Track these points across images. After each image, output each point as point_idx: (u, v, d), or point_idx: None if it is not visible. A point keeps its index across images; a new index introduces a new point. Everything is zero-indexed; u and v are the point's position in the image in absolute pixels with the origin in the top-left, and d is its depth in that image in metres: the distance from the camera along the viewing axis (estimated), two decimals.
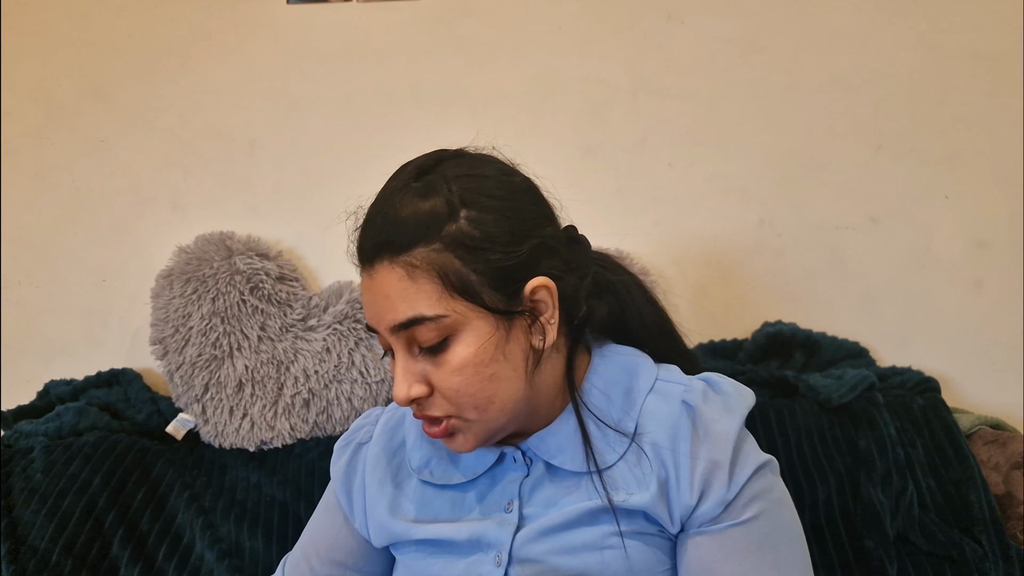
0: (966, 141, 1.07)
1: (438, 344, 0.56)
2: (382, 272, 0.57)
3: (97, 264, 1.11)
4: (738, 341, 1.06)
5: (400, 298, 0.56)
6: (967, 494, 0.86)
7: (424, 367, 0.57)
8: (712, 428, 0.59)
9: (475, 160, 0.61)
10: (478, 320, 0.56)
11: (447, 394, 0.57)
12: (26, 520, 0.85)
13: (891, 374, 0.99)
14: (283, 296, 1.01)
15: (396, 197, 0.59)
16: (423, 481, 0.67)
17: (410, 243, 0.56)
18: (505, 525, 0.61)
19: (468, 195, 0.57)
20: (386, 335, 0.58)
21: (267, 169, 1.11)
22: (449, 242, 0.56)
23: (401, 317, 0.56)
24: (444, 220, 0.56)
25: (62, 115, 1.11)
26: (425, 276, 0.55)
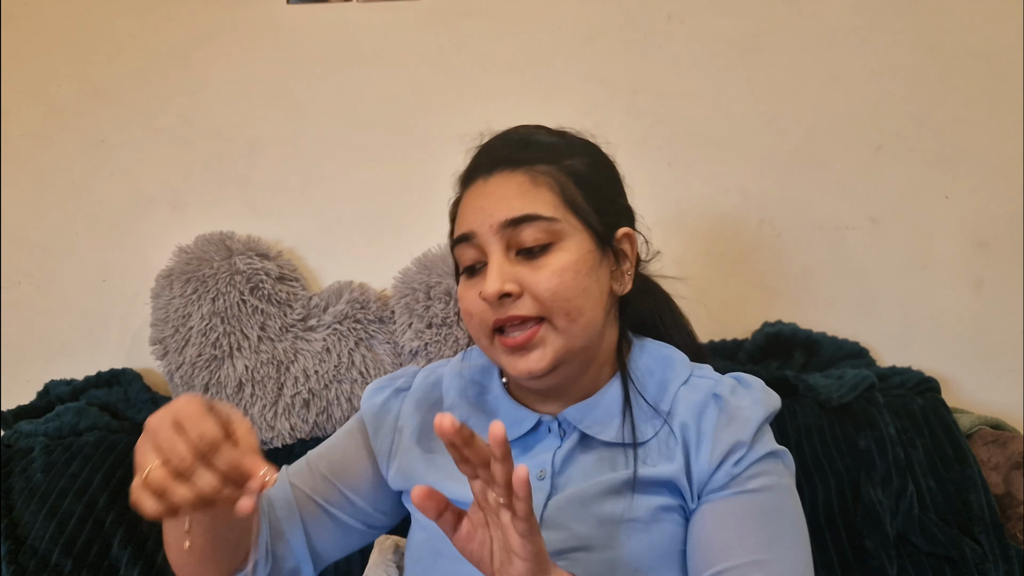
0: (966, 141, 1.07)
1: (540, 248, 0.61)
2: (500, 178, 0.64)
3: (97, 264, 1.11)
4: (738, 341, 1.06)
5: (518, 197, 0.62)
6: (967, 494, 0.85)
7: (518, 270, 0.61)
8: (737, 414, 0.62)
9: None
10: (581, 236, 0.63)
11: (542, 295, 0.60)
12: (26, 520, 0.85)
13: (891, 374, 0.99)
14: (283, 296, 1.01)
15: (525, 127, 0.70)
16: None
17: (534, 159, 0.64)
18: (537, 493, 0.62)
19: (584, 147, 0.69)
20: (488, 235, 0.62)
21: (267, 169, 1.11)
22: (567, 170, 0.64)
23: (516, 212, 0.61)
24: (564, 153, 0.66)
25: (62, 115, 1.11)
26: (545, 185, 0.63)
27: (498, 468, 0.46)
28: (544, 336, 0.60)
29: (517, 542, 0.47)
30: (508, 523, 0.47)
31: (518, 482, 0.45)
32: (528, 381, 0.63)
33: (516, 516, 0.46)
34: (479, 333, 0.64)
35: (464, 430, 0.46)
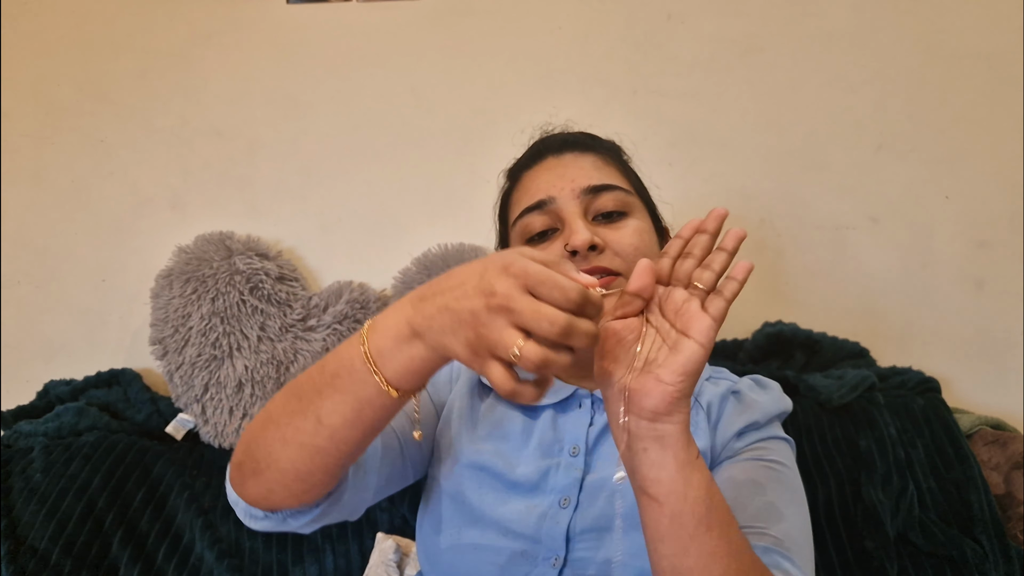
0: (966, 141, 1.07)
1: (616, 214, 0.67)
2: (573, 155, 0.70)
3: (97, 264, 1.11)
4: (738, 341, 1.06)
5: (595, 170, 0.68)
6: (967, 494, 0.85)
7: (599, 230, 0.65)
8: (754, 405, 0.67)
9: None
10: (645, 214, 0.69)
11: (624, 248, 0.65)
12: (26, 520, 0.84)
13: (891, 374, 0.98)
14: (283, 296, 1.01)
15: (575, 132, 0.76)
16: (497, 397, 0.70)
17: (600, 146, 0.72)
18: (571, 470, 0.64)
19: (621, 149, 0.77)
20: (568, 199, 0.66)
21: (267, 169, 1.11)
22: (624, 162, 0.73)
23: (596, 181, 0.67)
24: (616, 149, 0.75)
25: (62, 115, 1.11)
26: (615, 168, 0.70)
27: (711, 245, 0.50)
28: (619, 286, 0.63)
29: (705, 324, 0.46)
30: (696, 310, 0.47)
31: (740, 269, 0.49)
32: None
33: (724, 297, 0.48)
34: None
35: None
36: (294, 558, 0.88)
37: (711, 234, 0.50)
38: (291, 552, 0.89)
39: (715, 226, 0.51)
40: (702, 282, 0.49)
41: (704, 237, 0.50)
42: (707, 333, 0.46)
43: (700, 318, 0.46)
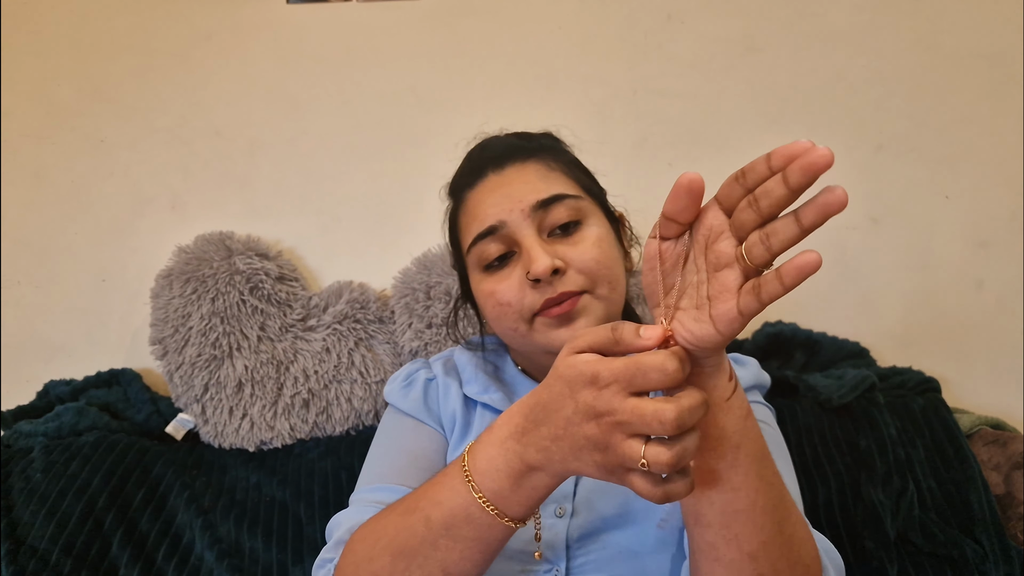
0: (966, 141, 1.07)
1: (572, 224, 0.64)
2: (516, 169, 0.66)
3: (97, 264, 1.11)
4: (738, 341, 1.06)
5: (541, 181, 0.65)
6: (967, 494, 0.85)
7: (556, 248, 0.63)
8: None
9: None
10: (598, 214, 0.67)
11: (586, 264, 0.62)
12: (26, 520, 0.84)
13: (891, 374, 0.98)
14: (283, 296, 1.01)
15: (511, 133, 0.73)
16: (484, 407, 0.70)
17: (540, 149, 0.68)
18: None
19: (558, 140, 0.74)
20: (519, 220, 0.63)
21: (267, 169, 1.11)
22: (566, 160, 0.69)
23: (544, 194, 0.63)
24: (554, 146, 0.71)
25: (62, 115, 1.11)
26: (559, 171, 0.67)
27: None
28: (586, 305, 0.62)
29: (728, 312, 0.40)
30: (729, 287, 0.40)
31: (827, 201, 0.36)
32: None
33: (758, 298, 0.39)
34: (516, 323, 0.63)
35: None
36: (294, 558, 0.88)
37: (792, 190, 0.37)
38: (291, 552, 0.89)
39: (804, 179, 0.36)
40: (751, 257, 0.39)
41: (782, 190, 0.37)
42: (728, 323, 0.40)
43: (727, 300, 0.40)
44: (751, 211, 0.39)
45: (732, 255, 0.40)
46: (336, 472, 0.95)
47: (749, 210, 0.39)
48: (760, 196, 0.38)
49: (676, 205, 0.41)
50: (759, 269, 0.39)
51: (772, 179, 0.37)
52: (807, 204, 0.37)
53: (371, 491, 0.64)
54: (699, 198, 0.41)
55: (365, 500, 0.64)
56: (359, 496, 0.65)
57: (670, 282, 0.44)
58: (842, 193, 0.36)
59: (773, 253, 0.38)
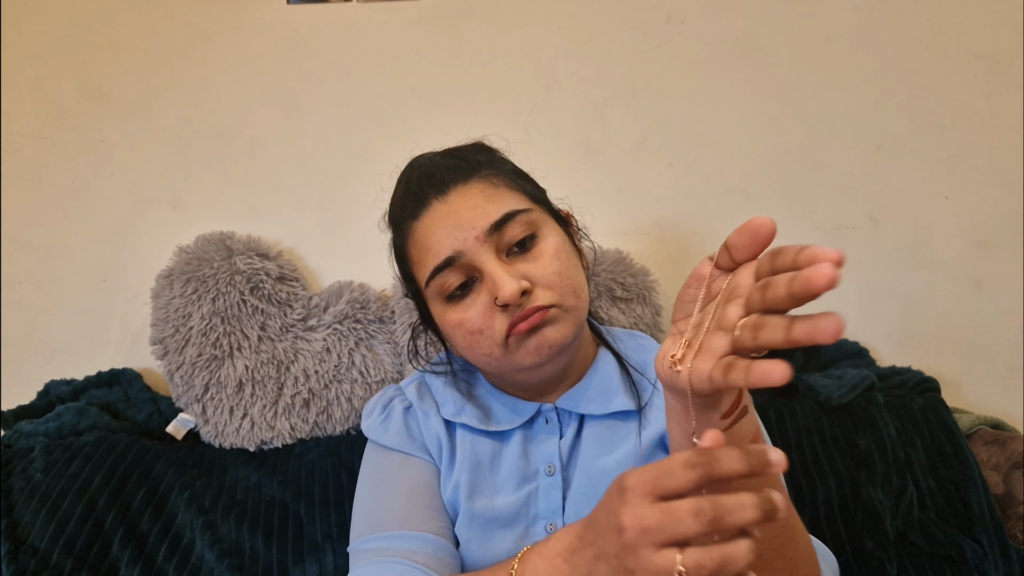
0: (966, 141, 1.07)
1: (528, 239, 0.63)
2: (459, 193, 0.63)
3: (97, 264, 1.11)
4: None
5: (489, 201, 0.63)
6: (967, 494, 0.85)
7: (519, 267, 0.62)
8: None
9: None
10: (550, 222, 0.65)
11: (550, 280, 0.61)
12: (26, 520, 0.84)
13: (891, 374, 0.99)
14: (283, 296, 1.01)
15: (442, 151, 0.70)
16: (462, 427, 0.69)
17: (479, 165, 0.65)
18: (552, 491, 0.63)
19: (492, 150, 0.71)
20: (476, 248, 0.61)
21: (267, 169, 1.11)
22: (505, 170, 0.67)
23: (496, 215, 0.61)
24: (490, 157, 0.68)
25: (62, 115, 1.11)
26: (503, 187, 0.65)
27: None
28: (555, 315, 0.61)
29: (702, 372, 0.41)
30: (712, 348, 0.40)
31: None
32: (543, 364, 0.62)
33: (790, 337, 0.37)
34: (491, 348, 0.62)
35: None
36: (294, 558, 0.88)
37: (791, 296, 0.37)
38: (291, 552, 0.89)
39: (802, 293, 0.37)
40: (738, 336, 0.39)
41: (782, 291, 0.37)
42: (697, 380, 0.41)
43: (706, 360, 0.41)
44: (759, 293, 0.39)
45: (732, 322, 0.40)
46: (336, 472, 0.95)
47: (759, 292, 0.39)
48: (769, 284, 0.38)
49: (738, 240, 0.42)
50: (742, 351, 0.39)
51: (784, 275, 0.37)
52: (802, 321, 0.37)
53: (378, 540, 0.62)
54: (763, 245, 0.41)
55: (374, 551, 0.61)
56: (365, 547, 0.62)
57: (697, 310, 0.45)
58: (836, 330, 0.36)
59: (757, 343, 0.38)
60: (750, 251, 0.41)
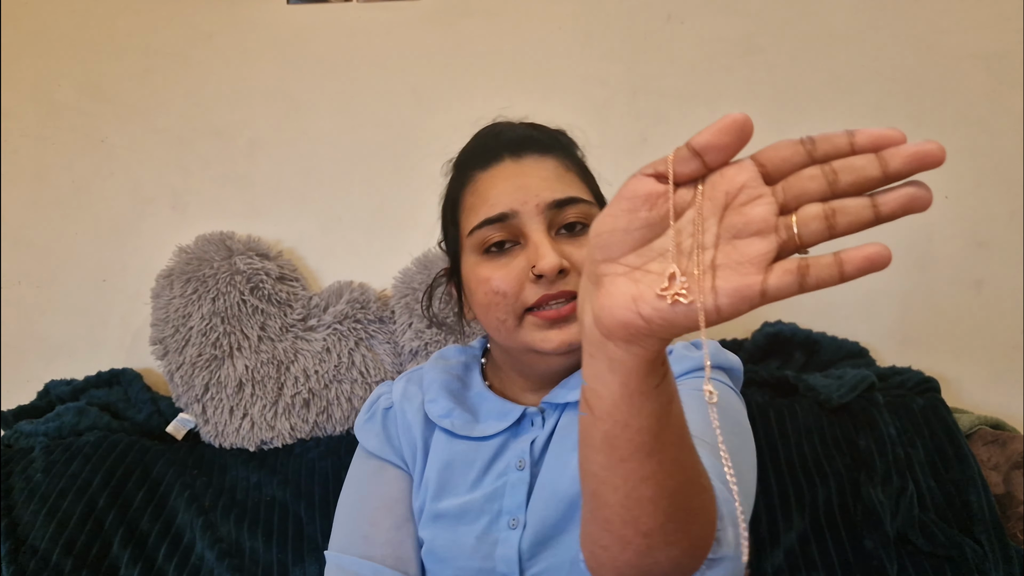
0: (966, 141, 1.07)
1: (578, 225, 0.63)
2: (534, 160, 0.65)
3: (97, 264, 1.11)
4: (738, 341, 1.06)
5: (557, 180, 0.64)
6: (967, 494, 0.85)
7: (563, 247, 0.62)
8: (685, 358, 0.67)
9: None
10: None
11: None
12: (26, 520, 0.84)
13: (891, 374, 0.98)
14: (283, 296, 1.01)
15: (527, 123, 0.71)
16: (443, 430, 0.68)
17: (559, 145, 0.67)
18: (519, 487, 0.63)
19: (572, 142, 0.72)
20: (531, 215, 0.62)
21: (267, 169, 1.11)
22: (579, 161, 0.69)
23: (560, 195, 0.63)
24: (570, 146, 0.70)
25: (62, 115, 1.11)
26: (575, 173, 0.66)
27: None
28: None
29: (746, 287, 0.33)
30: (754, 258, 0.33)
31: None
32: (557, 356, 0.62)
33: (802, 280, 0.33)
34: (506, 314, 0.62)
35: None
36: (294, 558, 0.88)
37: (887, 175, 0.32)
38: (291, 552, 0.89)
39: (908, 169, 0.32)
40: (805, 231, 0.33)
41: (875, 172, 0.32)
42: (741, 300, 0.33)
43: (747, 274, 0.33)
44: (820, 181, 0.33)
45: (769, 223, 0.33)
46: (337, 472, 0.95)
47: (819, 180, 0.33)
48: (842, 170, 0.33)
49: (718, 140, 0.35)
50: (800, 248, 0.33)
51: (861, 156, 0.32)
52: (890, 192, 0.32)
53: (348, 562, 0.65)
54: (745, 142, 0.36)
55: (345, 571, 0.64)
56: (334, 562, 0.66)
57: (638, 236, 0.36)
58: (929, 195, 0.32)
59: (834, 232, 0.33)
60: (733, 150, 0.36)
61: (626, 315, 0.36)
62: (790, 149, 0.34)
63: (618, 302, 0.36)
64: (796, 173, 0.34)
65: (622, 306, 0.36)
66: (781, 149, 0.35)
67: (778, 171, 0.35)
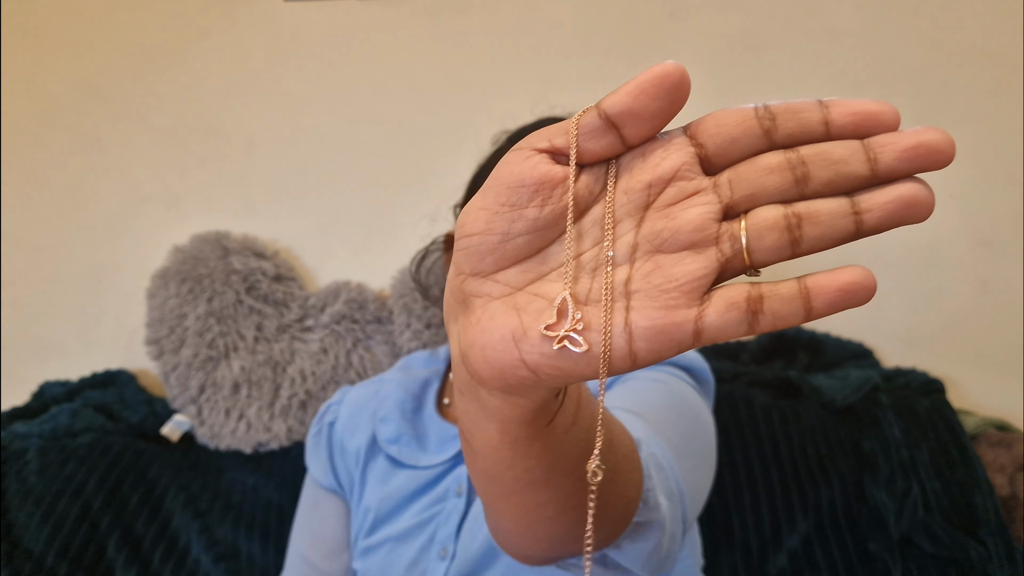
0: (971, 139, 1.05)
1: None
2: None
3: (92, 264, 1.10)
4: (741, 342, 1.05)
5: None
6: (972, 496, 0.85)
7: None
8: None
9: None
10: None
11: None
12: (21, 522, 0.84)
13: (895, 375, 0.98)
14: (280, 296, 1.00)
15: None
16: (387, 456, 0.67)
17: None
18: (453, 516, 0.61)
19: None
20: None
21: (264, 168, 1.10)
22: None
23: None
24: None
25: (57, 113, 1.10)
26: None
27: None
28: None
29: (677, 317, 0.24)
30: (688, 273, 0.24)
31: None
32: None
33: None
34: None
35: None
36: None
37: (876, 175, 0.24)
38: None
39: (909, 168, 0.24)
40: (756, 246, 0.24)
41: (862, 169, 0.24)
42: (660, 344, 0.24)
43: (672, 305, 0.24)
44: (783, 175, 0.23)
45: (707, 231, 0.24)
46: None
47: (781, 173, 0.23)
48: (813, 161, 0.23)
49: (639, 102, 0.24)
50: (749, 268, 0.24)
51: (841, 145, 0.24)
52: (878, 193, 0.24)
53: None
54: (678, 107, 0.25)
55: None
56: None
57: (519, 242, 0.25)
58: (931, 197, 0.24)
59: (797, 249, 0.24)
60: (661, 120, 0.25)
61: (503, 360, 0.25)
62: (740, 124, 0.24)
63: (492, 339, 0.25)
64: (749, 160, 0.24)
65: (498, 347, 0.25)
66: (726, 122, 0.24)
67: (723, 155, 0.24)
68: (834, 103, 0.24)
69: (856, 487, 0.86)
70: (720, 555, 0.85)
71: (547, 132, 0.25)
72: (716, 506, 0.85)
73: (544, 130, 0.25)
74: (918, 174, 0.24)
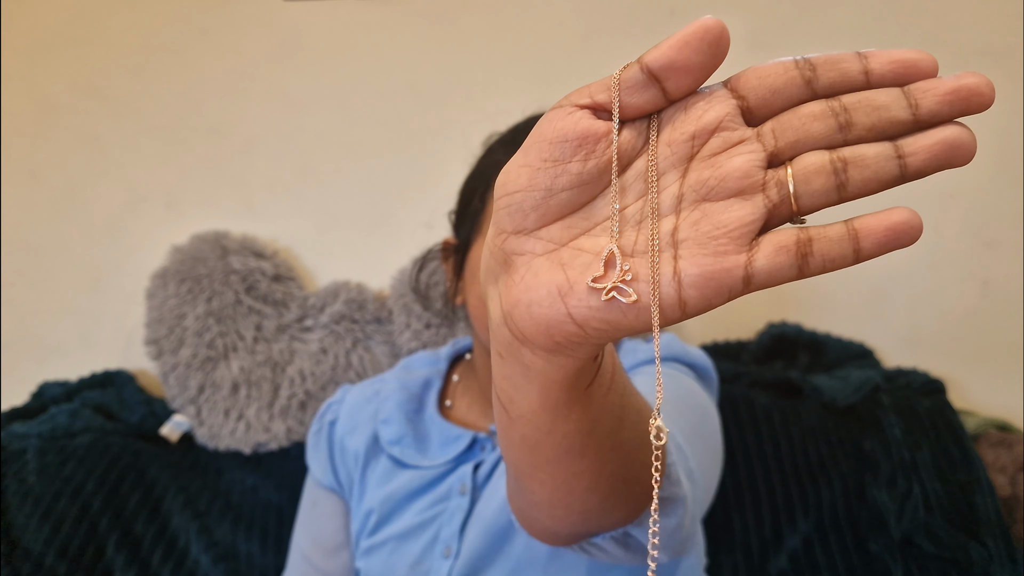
0: None
1: None
2: None
3: (91, 264, 1.10)
4: (742, 342, 1.05)
5: None
6: (973, 497, 0.85)
7: None
8: (636, 350, 0.66)
9: None
10: None
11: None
12: (20, 523, 0.84)
13: (896, 375, 0.98)
14: (279, 296, 1.00)
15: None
16: (390, 457, 0.67)
17: None
18: (457, 514, 0.60)
19: None
20: None
21: (263, 167, 1.10)
22: None
23: None
24: None
25: (56, 113, 1.10)
26: None
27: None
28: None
29: (724, 263, 0.24)
30: (736, 219, 0.24)
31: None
32: None
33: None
34: None
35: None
36: None
37: (918, 119, 0.24)
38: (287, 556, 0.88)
39: (951, 112, 0.25)
40: (803, 191, 0.25)
41: (903, 114, 0.24)
42: (710, 291, 0.24)
43: (722, 252, 0.24)
44: (826, 122, 0.24)
45: (754, 179, 0.24)
46: None
47: (825, 120, 0.24)
48: (855, 108, 0.24)
49: (682, 55, 0.25)
50: (796, 215, 0.25)
51: (882, 92, 0.24)
52: (921, 137, 0.24)
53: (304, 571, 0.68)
54: (720, 59, 0.25)
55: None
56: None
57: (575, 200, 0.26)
58: (973, 140, 0.24)
59: (844, 194, 0.25)
60: (704, 72, 0.25)
61: (550, 316, 0.25)
62: (781, 75, 0.24)
63: (538, 296, 0.25)
64: (792, 110, 0.24)
65: (544, 302, 0.25)
66: (768, 74, 0.25)
67: (766, 106, 0.25)
68: (872, 53, 0.25)
69: (857, 487, 0.86)
70: (721, 555, 0.85)
71: (588, 89, 0.28)
72: (716, 506, 0.85)
73: (585, 87, 0.27)
74: (959, 118, 0.25)
